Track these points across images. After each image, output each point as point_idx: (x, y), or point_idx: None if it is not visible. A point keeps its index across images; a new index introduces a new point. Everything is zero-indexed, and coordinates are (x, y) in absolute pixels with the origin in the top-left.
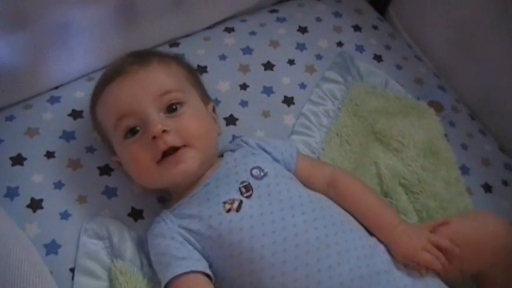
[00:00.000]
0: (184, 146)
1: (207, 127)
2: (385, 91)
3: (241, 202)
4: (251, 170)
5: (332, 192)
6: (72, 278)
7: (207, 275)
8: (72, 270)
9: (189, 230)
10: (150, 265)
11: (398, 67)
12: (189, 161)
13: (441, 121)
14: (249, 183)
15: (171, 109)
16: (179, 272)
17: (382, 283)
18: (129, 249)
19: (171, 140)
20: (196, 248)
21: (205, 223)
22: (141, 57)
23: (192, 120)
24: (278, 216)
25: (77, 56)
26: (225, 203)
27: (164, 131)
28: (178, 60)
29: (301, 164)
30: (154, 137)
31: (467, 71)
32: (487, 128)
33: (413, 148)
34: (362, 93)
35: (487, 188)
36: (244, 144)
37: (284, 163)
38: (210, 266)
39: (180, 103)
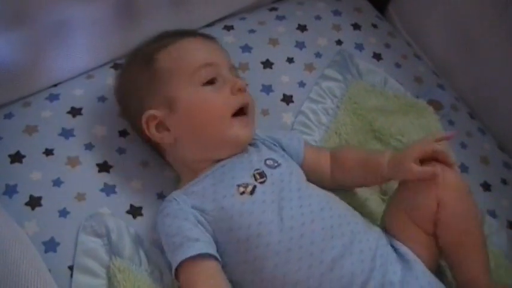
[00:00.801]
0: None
1: None
2: (385, 89)
3: (254, 187)
4: (265, 160)
5: (336, 166)
6: (71, 276)
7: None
8: (70, 268)
9: (202, 211)
10: (149, 262)
11: (398, 65)
12: (253, 128)
13: (440, 120)
14: (263, 171)
15: None
16: (192, 254)
17: (377, 278)
18: (127, 246)
19: (250, 97)
20: (207, 231)
21: (218, 203)
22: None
23: None
24: (288, 205)
25: (76, 54)
26: (239, 185)
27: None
28: None
29: (308, 150)
30: (239, 89)
31: (467, 69)
32: (486, 126)
33: None
34: (361, 92)
35: (486, 186)
36: (255, 136)
37: (294, 149)
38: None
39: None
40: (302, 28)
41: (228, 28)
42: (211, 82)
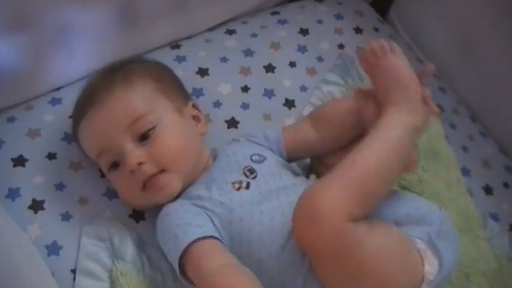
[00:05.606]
0: (163, 170)
1: (185, 142)
2: None
3: (248, 183)
4: (251, 157)
5: (318, 124)
6: (74, 279)
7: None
8: (73, 271)
9: (202, 207)
10: (151, 266)
11: None
12: (169, 185)
13: (442, 123)
14: (252, 167)
15: (144, 137)
16: (195, 237)
17: None
18: (130, 250)
19: (148, 169)
20: (211, 221)
21: (216, 201)
22: (107, 79)
23: (166, 142)
24: (282, 194)
25: (79, 58)
26: (233, 183)
27: (140, 163)
28: (143, 71)
29: (284, 130)
30: (132, 171)
31: (468, 73)
32: (487, 130)
33: None
34: None
35: (488, 190)
36: (238, 140)
37: (274, 143)
38: None
39: (153, 127)
40: (304, 32)
41: (230, 32)
42: (115, 165)
